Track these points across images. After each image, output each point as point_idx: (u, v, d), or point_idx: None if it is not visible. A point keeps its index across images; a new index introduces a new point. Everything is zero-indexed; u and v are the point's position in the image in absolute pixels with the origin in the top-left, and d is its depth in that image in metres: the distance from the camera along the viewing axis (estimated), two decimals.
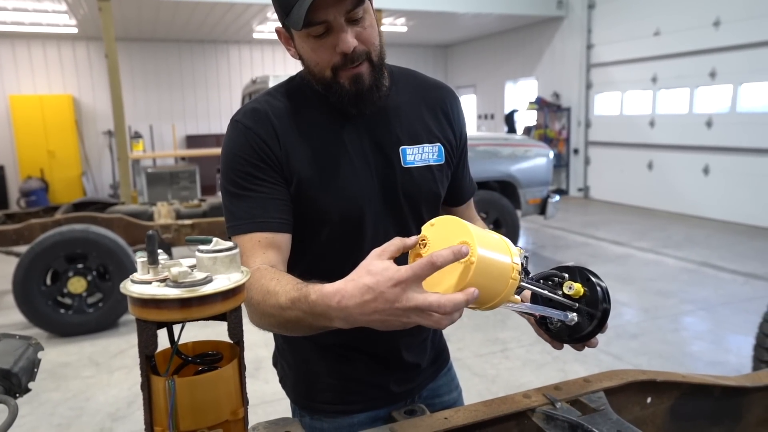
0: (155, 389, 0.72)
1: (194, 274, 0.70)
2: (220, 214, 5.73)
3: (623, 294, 5.44)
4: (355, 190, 1.18)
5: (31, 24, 10.28)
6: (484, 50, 13.94)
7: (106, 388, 3.83)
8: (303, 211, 1.17)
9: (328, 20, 1.05)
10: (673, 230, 8.13)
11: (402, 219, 1.24)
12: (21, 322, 4.78)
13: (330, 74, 1.12)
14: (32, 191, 11.03)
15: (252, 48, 13.43)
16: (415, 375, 1.37)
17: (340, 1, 1.03)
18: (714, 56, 8.42)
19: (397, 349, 1.31)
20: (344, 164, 1.18)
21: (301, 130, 1.17)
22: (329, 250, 1.23)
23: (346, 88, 1.12)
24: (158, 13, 9.79)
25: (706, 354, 4.13)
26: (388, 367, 1.32)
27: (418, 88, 1.29)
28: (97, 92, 12.28)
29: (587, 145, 11.17)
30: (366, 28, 1.09)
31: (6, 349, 0.89)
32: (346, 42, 1.06)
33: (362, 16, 1.08)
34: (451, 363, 1.53)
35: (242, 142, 1.15)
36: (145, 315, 0.70)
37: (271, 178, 1.14)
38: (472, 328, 4.67)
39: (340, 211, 1.18)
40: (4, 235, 4.99)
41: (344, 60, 1.09)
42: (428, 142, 1.25)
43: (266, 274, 1.03)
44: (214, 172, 11.18)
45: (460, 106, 1.35)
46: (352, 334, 1.25)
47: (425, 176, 1.24)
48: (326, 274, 1.24)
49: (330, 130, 1.19)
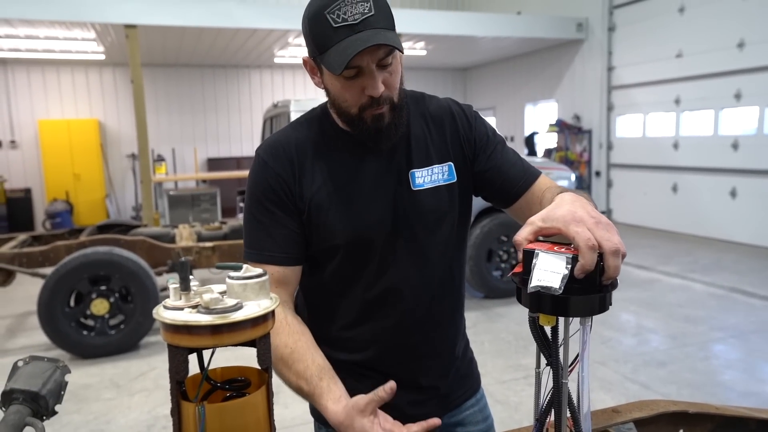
0: (185, 415, 0.73)
1: (225, 300, 0.71)
2: (240, 236, 5.76)
3: (650, 320, 5.33)
4: (365, 216, 1.23)
5: (61, 51, 10.55)
6: (503, 73, 13.97)
7: (127, 411, 3.82)
8: (315, 236, 1.24)
9: (362, 66, 1.11)
10: (700, 254, 7.99)
11: (413, 241, 1.27)
12: (44, 344, 4.82)
13: (356, 111, 1.18)
14: (57, 213, 11.22)
15: (273, 72, 13.62)
16: (432, 398, 1.35)
17: (375, 50, 1.09)
18: (739, 78, 8.34)
19: (414, 372, 1.33)
20: (356, 190, 1.24)
21: (316, 158, 1.24)
22: (339, 272, 1.28)
23: (368, 125, 1.19)
24: (182, 40, 9.98)
25: (738, 384, 4.00)
26: (402, 387, 1.30)
27: (425, 110, 1.33)
28: (122, 116, 12.53)
29: (609, 168, 11.08)
30: (392, 74, 1.16)
31: (34, 371, 0.89)
32: (376, 88, 1.13)
33: (391, 62, 1.14)
34: (482, 393, 1.49)
35: (260, 175, 1.25)
36: (177, 341, 0.70)
37: (283, 212, 1.23)
38: (494, 354, 4.60)
39: (350, 237, 1.23)
40: (31, 257, 5.05)
41: (371, 102, 1.15)
42: (438, 162, 1.29)
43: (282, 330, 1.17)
44: (234, 195, 11.28)
45: (468, 110, 1.37)
46: (368, 355, 1.31)
47: (435, 197, 1.27)
48: (335, 295, 1.30)
49: (344, 158, 1.25)
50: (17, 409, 0.84)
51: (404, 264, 1.27)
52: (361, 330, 1.30)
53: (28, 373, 0.88)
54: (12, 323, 5.73)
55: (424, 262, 1.28)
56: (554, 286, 0.83)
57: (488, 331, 5.14)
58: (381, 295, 1.27)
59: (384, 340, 1.30)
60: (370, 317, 1.29)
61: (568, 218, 0.89)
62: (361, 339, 1.30)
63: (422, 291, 1.29)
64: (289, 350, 1.14)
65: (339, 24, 1.07)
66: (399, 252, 1.26)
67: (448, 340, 1.37)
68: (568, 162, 11.02)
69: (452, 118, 1.33)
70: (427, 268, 1.29)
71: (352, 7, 1.07)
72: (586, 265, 0.83)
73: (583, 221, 0.88)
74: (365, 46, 1.05)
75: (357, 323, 1.30)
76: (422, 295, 1.29)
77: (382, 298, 1.27)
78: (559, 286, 0.82)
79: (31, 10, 7.74)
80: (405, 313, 1.28)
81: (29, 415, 0.85)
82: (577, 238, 0.85)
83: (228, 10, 8.77)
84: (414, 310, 1.29)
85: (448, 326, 1.36)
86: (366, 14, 1.07)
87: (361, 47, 1.05)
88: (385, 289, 1.27)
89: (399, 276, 1.27)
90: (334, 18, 1.07)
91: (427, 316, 1.31)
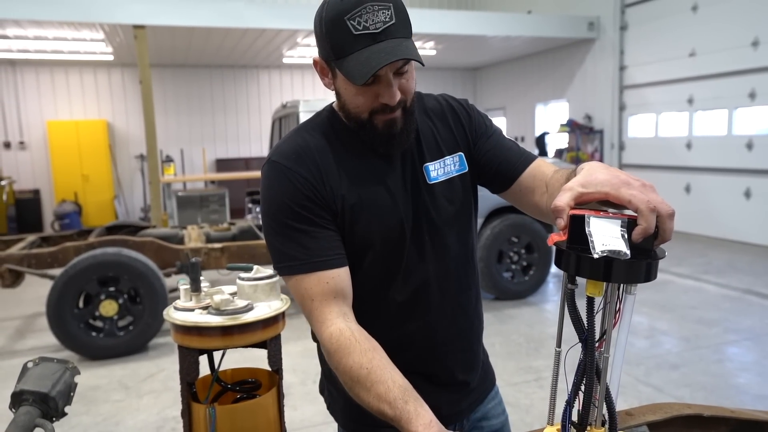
0: (196, 417, 0.73)
1: (235, 301, 0.73)
2: (249, 237, 5.76)
3: (662, 322, 5.27)
4: (392, 215, 1.22)
5: (69, 52, 10.61)
6: (513, 73, 13.93)
7: (135, 412, 3.80)
8: (351, 238, 1.21)
9: (380, 75, 1.10)
10: (714, 256, 7.90)
11: (436, 234, 1.27)
12: (53, 345, 4.82)
13: (366, 116, 1.17)
14: (66, 214, 11.26)
15: (282, 72, 13.63)
16: (465, 395, 1.38)
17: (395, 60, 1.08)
18: (753, 77, 8.25)
19: (450, 367, 1.33)
20: (380, 191, 1.22)
21: (338, 163, 1.21)
22: (370, 273, 1.25)
23: (378, 130, 1.18)
24: (191, 40, 10.00)
25: (753, 387, 3.93)
26: (440, 386, 1.32)
27: (425, 107, 1.34)
28: (131, 117, 12.57)
29: (621, 168, 10.95)
30: (408, 80, 1.15)
31: (44, 372, 0.90)
32: (393, 97, 1.12)
33: (407, 69, 1.14)
34: (497, 386, 1.51)
35: (287, 184, 1.16)
36: (187, 342, 0.70)
37: (319, 216, 1.16)
38: (505, 356, 4.55)
39: (381, 236, 1.22)
40: (40, 258, 5.05)
41: (383, 107, 1.15)
42: (449, 153, 1.30)
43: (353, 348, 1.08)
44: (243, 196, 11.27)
45: (464, 103, 1.37)
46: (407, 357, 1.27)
47: (451, 189, 1.28)
48: (368, 301, 1.26)
49: (363, 160, 1.23)
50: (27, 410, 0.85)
51: (429, 258, 1.27)
52: (398, 332, 1.28)
53: (37, 374, 0.89)
54: (21, 324, 5.74)
55: (447, 254, 1.29)
56: (623, 249, 0.78)
57: (499, 333, 5.10)
58: (413, 293, 1.27)
59: (420, 339, 1.29)
60: (405, 318, 1.28)
61: (615, 182, 0.86)
62: (398, 342, 1.26)
63: (449, 284, 1.30)
64: (365, 371, 1.05)
65: (360, 32, 1.06)
66: (424, 247, 1.26)
67: (476, 331, 1.39)
68: (579, 163, 10.94)
69: (453, 111, 1.34)
70: (451, 259, 1.29)
71: (374, 15, 1.05)
72: (648, 228, 0.80)
73: (631, 184, 0.85)
74: (390, 61, 1.04)
75: (393, 326, 1.28)
76: (449, 288, 1.30)
77: (414, 296, 1.27)
78: (627, 249, 0.78)
79: (40, 10, 7.77)
80: (436, 309, 1.29)
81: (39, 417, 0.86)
82: (635, 201, 0.82)
83: (237, 10, 8.77)
84: (443, 305, 1.29)
85: (474, 317, 1.38)
86: (387, 23, 1.06)
87: (385, 62, 1.04)
88: (415, 286, 1.26)
89: (426, 271, 1.27)
90: (354, 25, 1.05)
91: (456, 308, 1.32)
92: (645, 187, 0.85)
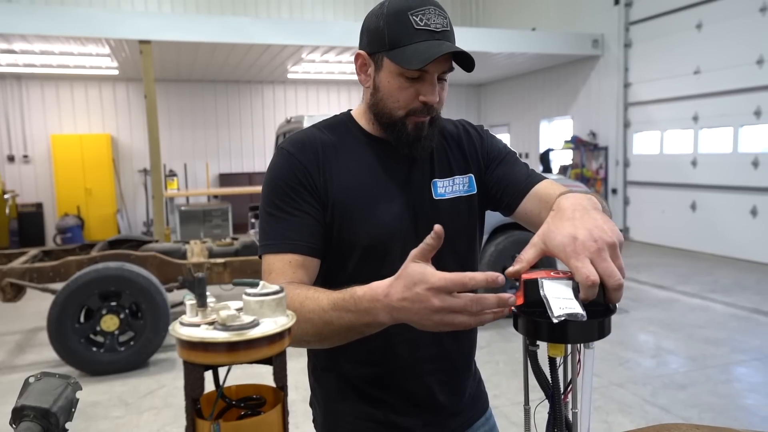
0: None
1: (241, 317, 0.71)
2: (252, 252, 5.72)
3: (669, 341, 5.21)
4: (386, 220, 1.23)
5: (75, 66, 10.67)
6: (518, 89, 13.97)
7: (135, 429, 3.75)
8: (335, 236, 1.22)
9: (430, 72, 1.16)
10: (720, 274, 7.84)
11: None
12: (54, 360, 4.77)
13: (402, 114, 1.20)
14: (68, 228, 11.26)
15: (286, 88, 13.69)
16: (446, 419, 1.33)
17: (446, 60, 1.16)
18: (759, 94, 8.25)
19: (430, 387, 1.30)
20: (379, 194, 1.24)
21: (342, 162, 1.25)
22: (355, 277, 1.23)
23: (407, 131, 1.21)
24: (196, 55, 10.06)
25: (762, 408, 3.87)
26: (417, 407, 1.30)
27: (442, 128, 1.36)
28: (135, 131, 12.62)
29: (626, 185, 10.98)
30: (444, 89, 1.23)
31: (45, 388, 0.88)
32: (434, 95, 1.18)
33: (447, 77, 1.22)
34: (490, 412, 1.48)
35: (285, 167, 1.22)
36: (192, 358, 0.69)
37: (307, 203, 1.20)
38: (509, 374, 4.49)
39: (368, 238, 1.22)
40: (42, 272, 5.02)
41: (421, 108, 1.19)
42: (459, 173, 1.33)
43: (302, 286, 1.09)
44: (246, 211, 11.28)
45: (480, 129, 1.42)
46: (385, 370, 1.27)
47: (456, 208, 1.30)
48: None
49: (370, 164, 1.27)
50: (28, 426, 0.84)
51: None
52: (377, 343, 1.24)
53: (39, 389, 0.88)
54: (22, 339, 5.70)
55: None
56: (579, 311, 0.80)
57: (503, 351, 5.04)
58: None
59: (401, 353, 1.27)
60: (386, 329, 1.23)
61: (568, 249, 0.88)
62: (378, 352, 1.26)
63: None
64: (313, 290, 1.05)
65: (421, 27, 1.14)
66: None
67: (465, 355, 1.38)
68: (583, 179, 10.94)
69: (468, 135, 1.39)
70: None
71: (435, 17, 1.15)
72: (586, 299, 0.84)
73: (584, 249, 0.87)
74: (451, 50, 1.12)
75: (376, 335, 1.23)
76: None
77: None
78: (582, 310, 0.80)
79: (46, 25, 7.82)
80: None
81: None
82: (578, 274, 0.85)
83: (242, 25, 8.83)
84: None
85: (465, 340, 1.36)
86: (445, 28, 1.17)
87: (447, 49, 1.11)
88: None
89: None
90: (416, 20, 1.14)
91: None
92: (600, 253, 0.86)
